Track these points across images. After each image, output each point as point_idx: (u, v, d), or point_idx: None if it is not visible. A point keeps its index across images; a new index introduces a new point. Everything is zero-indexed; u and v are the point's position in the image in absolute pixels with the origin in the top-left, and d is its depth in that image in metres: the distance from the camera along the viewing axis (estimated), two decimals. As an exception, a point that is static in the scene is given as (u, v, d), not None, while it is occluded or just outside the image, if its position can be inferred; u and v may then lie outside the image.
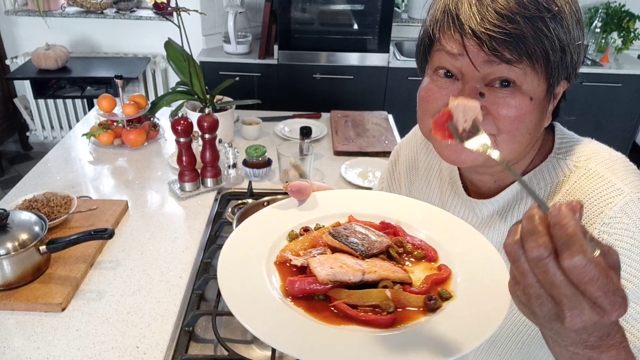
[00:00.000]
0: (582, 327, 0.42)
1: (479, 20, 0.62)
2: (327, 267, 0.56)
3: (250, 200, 1.49)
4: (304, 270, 0.58)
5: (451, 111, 0.60)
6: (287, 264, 0.60)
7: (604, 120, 3.26)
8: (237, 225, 1.28)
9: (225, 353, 1.05)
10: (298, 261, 0.59)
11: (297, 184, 0.70)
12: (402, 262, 0.61)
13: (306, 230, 0.66)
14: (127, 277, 1.24)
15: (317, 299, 0.55)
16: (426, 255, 0.62)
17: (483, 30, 0.62)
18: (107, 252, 1.32)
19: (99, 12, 3.34)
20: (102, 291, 1.19)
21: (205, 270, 1.30)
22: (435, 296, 0.54)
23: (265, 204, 1.41)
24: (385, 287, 0.55)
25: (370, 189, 1.66)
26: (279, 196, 1.44)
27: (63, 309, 1.12)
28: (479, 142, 0.56)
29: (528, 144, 0.70)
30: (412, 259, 0.62)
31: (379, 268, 0.57)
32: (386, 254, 0.62)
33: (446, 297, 0.55)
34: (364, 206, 0.71)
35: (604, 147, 0.76)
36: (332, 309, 0.53)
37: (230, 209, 1.50)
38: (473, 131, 0.58)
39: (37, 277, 1.17)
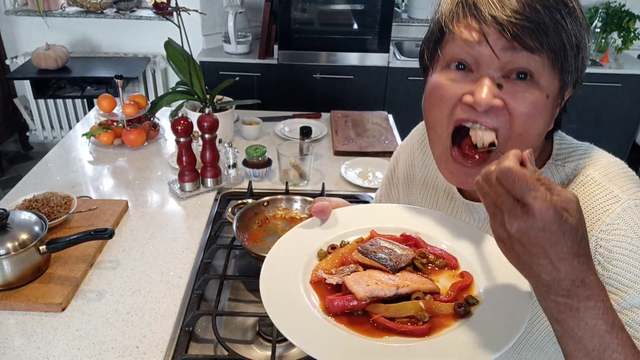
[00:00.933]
0: (518, 229, 0.49)
1: (499, 7, 0.61)
2: (364, 284, 0.60)
3: (250, 200, 1.49)
4: (339, 287, 0.62)
5: (471, 138, 0.67)
6: (322, 283, 0.64)
7: (604, 120, 3.26)
8: (237, 226, 1.30)
9: (225, 353, 1.05)
10: (333, 280, 0.63)
11: (319, 205, 0.73)
12: (427, 273, 0.65)
13: (333, 247, 0.70)
14: (127, 277, 1.24)
15: (356, 314, 0.59)
16: (448, 263, 0.66)
17: (505, 17, 0.60)
18: (107, 252, 1.32)
19: (99, 12, 3.34)
20: (102, 291, 1.19)
21: (205, 270, 1.30)
22: (463, 303, 0.59)
23: (265, 204, 1.41)
24: (417, 298, 0.60)
25: (370, 189, 1.66)
26: (279, 196, 1.44)
27: (63, 309, 1.12)
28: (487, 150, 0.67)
29: (534, 145, 0.69)
30: (435, 268, 0.67)
31: (410, 281, 0.62)
32: (412, 266, 0.66)
33: (473, 303, 0.59)
34: (383, 220, 0.75)
35: (603, 153, 0.75)
36: (372, 322, 0.58)
37: (230, 209, 1.50)
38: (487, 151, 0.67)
39: (37, 277, 1.17)
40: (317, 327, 0.57)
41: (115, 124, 1.93)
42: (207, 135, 1.54)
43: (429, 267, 0.67)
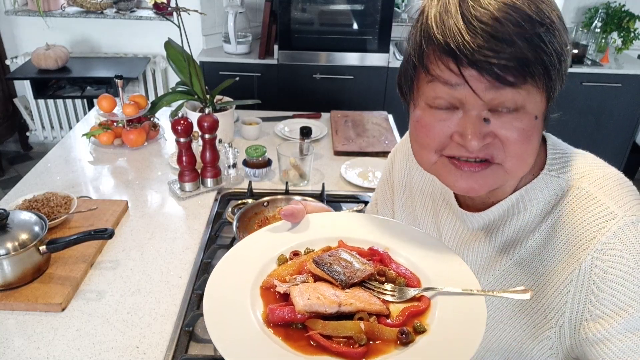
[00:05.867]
0: None
1: (475, 47, 0.57)
2: (305, 297, 0.57)
3: (250, 200, 1.49)
4: (287, 296, 0.59)
5: None
6: (272, 290, 0.61)
7: (604, 120, 3.26)
8: (237, 226, 1.29)
9: (225, 353, 1.04)
10: (282, 288, 0.60)
11: (290, 208, 0.71)
12: (382, 291, 0.61)
13: (296, 254, 0.67)
14: (127, 277, 1.24)
15: (295, 327, 0.56)
16: (408, 284, 0.62)
17: (482, 58, 0.57)
18: (107, 252, 1.32)
19: (99, 12, 3.34)
20: (102, 291, 1.18)
21: (205, 270, 1.30)
22: (408, 330, 0.55)
23: (265, 204, 1.41)
24: (361, 318, 0.56)
25: (370, 189, 1.66)
26: (279, 196, 1.44)
27: (63, 309, 1.12)
28: None
29: (535, 156, 0.68)
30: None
31: (356, 300, 0.58)
32: (363, 284, 0.62)
33: (420, 331, 0.55)
34: (356, 230, 0.72)
35: (599, 162, 0.73)
36: (308, 338, 0.55)
37: (230, 209, 1.50)
38: None
39: (37, 277, 1.17)
40: (248, 336, 0.54)
41: (115, 124, 1.93)
42: (207, 135, 1.54)
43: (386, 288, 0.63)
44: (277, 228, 0.72)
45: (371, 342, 0.54)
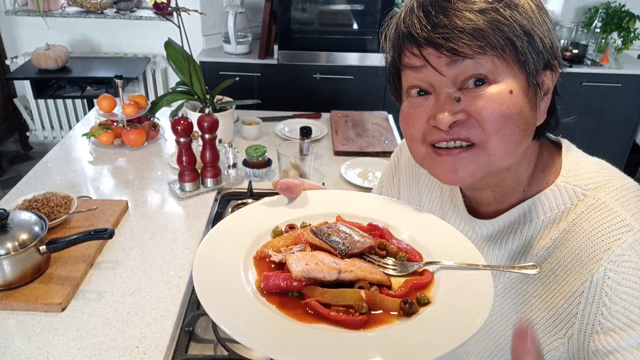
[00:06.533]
0: None
1: (430, 28, 0.62)
2: (303, 263, 0.55)
3: (250, 200, 1.49)
4: (282, 266, 0.57)
5: None
6: (267, 260, 0.59)
7: (604, 120, 3.26)
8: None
9: (225, 353, 1.05)
10: (277, 257, 0.58)
11: (286, 181, 0.70)
12: (383, 265, 0.60)
13: (291, 227, 0.66)
14: (127, 277, 1.24)
15: (291, 295, 0.54)
16: (410, 258, 0.61)
17: (437, 35, 0.61)
18: (107, 252, 1.32)
19: (99, 12, 3.34)
20: (102, 291, 1.19)
21: (205, 270, 1.30)
22: (411, 300, 0.53)
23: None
24: (361, 287, 0.54)
25: (370, 189, 1.66)
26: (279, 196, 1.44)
27: (63, 309, 1.12)
28: None
29: (525, 141, 0.67)
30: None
31: (356, 268, 0.56)
32: (362, 256, 0.60)
33: (424, 303, 0.54)
34: (355, 207, 0.70)
35: (616, 172, 0.71)
36: (305, 306, 0.53)
37: (230, 209, 1.50)
38: None
39: (37, 277, 1.17)
40: (242, 304, 0.52)
41: (115, 124, 1.93)
42: (207, 135, 1.54)
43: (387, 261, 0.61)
44: (273, 202, 0.70)
45: (372, 312, 0.52)
